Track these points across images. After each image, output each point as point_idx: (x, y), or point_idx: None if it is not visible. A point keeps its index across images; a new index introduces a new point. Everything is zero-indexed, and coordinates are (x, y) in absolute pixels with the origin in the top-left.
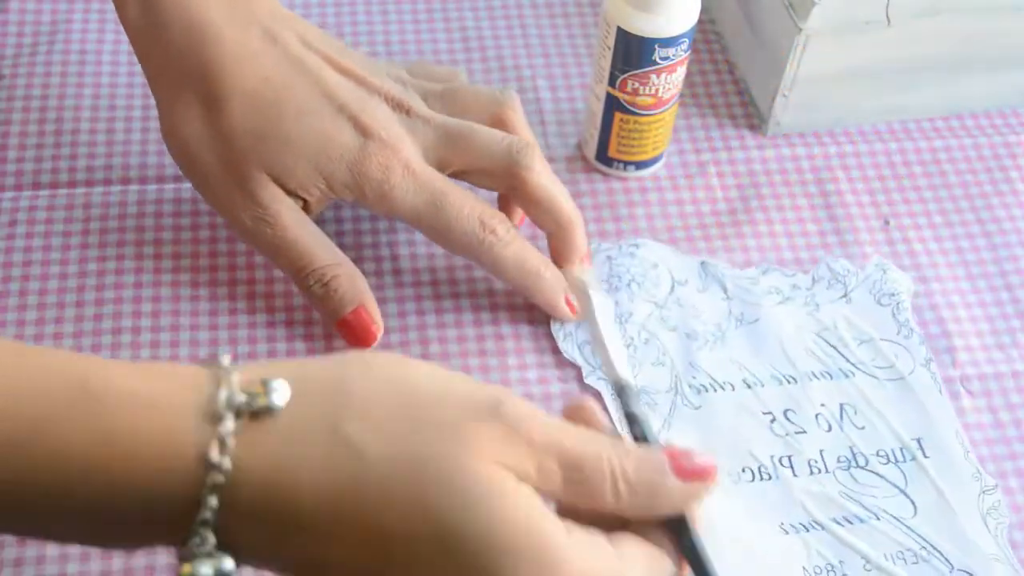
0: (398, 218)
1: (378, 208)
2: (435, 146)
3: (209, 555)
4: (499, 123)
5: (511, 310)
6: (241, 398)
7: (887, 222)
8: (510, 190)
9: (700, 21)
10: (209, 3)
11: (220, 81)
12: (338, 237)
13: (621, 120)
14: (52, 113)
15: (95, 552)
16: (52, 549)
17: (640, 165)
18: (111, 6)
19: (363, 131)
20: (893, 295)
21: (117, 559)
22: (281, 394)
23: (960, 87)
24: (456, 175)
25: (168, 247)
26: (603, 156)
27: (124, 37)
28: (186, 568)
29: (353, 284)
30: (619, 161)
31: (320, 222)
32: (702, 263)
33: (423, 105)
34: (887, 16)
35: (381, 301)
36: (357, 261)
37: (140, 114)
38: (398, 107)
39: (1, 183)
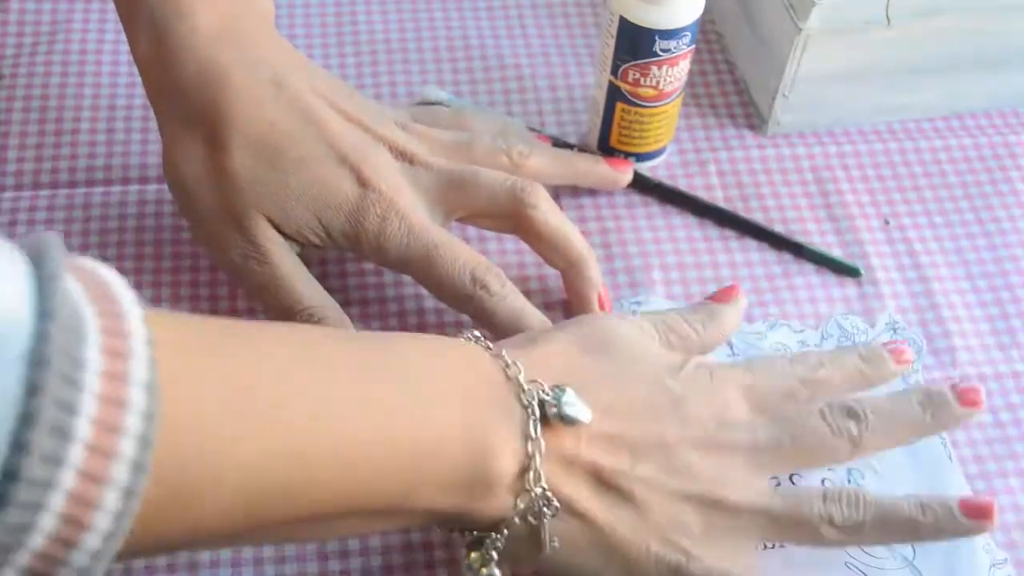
0: (392, 268)
1: (373, 258)
2: (438, 193)
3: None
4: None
5: None
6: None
7: (887, 222)
8: (517, 231)
9: (700, 20)
10: (219, 45)
11: (224, 123)
12: (322, 268)
13: (623, 110)
14: (52, 113)
15: None
16: None
17: (641, 157)
18: (111, 6)
19: (363, 182)
20: None
21: None
22: (580, 409)
23: (960, 87)
24: (464, 220)
25: (168, 247)
26: (605, 146)
27: (124, 37)
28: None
29: (340, 326)
30: (620, 152)
31: (307, 261)
32: None
33: (426, 152)
34: (887, 16)
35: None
36: (342, 298)
37: (140, 114)
38: (401, 155)
39: (1, 183)
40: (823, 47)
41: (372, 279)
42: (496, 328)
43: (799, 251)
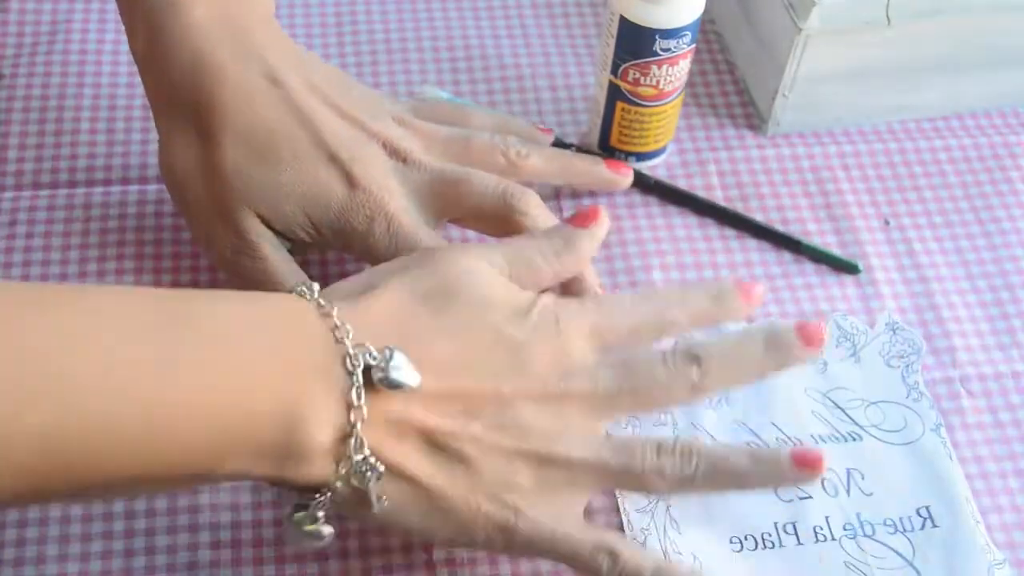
0: None
1: (363, 257)
2: (429, 193)
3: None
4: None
5: None
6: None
7: (887, 222)
8: (507, 235)
9: (700, 20)
10: (214, 40)
11: (217, 119)
12: (322, 269)
13: (623, 109)
14: (52, 113)
15: (93, 552)
16: (52, 549)
17: (641, 157)
18: (111, 6)
19: (352, 181)
20: (902, 357)
21: (116, 559)
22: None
23: (960, 87)
24: (455, 221)
25: (168, 247)
26: (605, 145)
27: (124, 37)
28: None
29: None
30: (620, 151)
31: (307, 261)
32: None
33: (421, 150)
34: (887, 16)
35: None
36: (343, 277)
37: (140, 114)
38: (394, 153)
39: (1, 183)
40: (823, 47)
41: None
42: None
43: (797, 248)
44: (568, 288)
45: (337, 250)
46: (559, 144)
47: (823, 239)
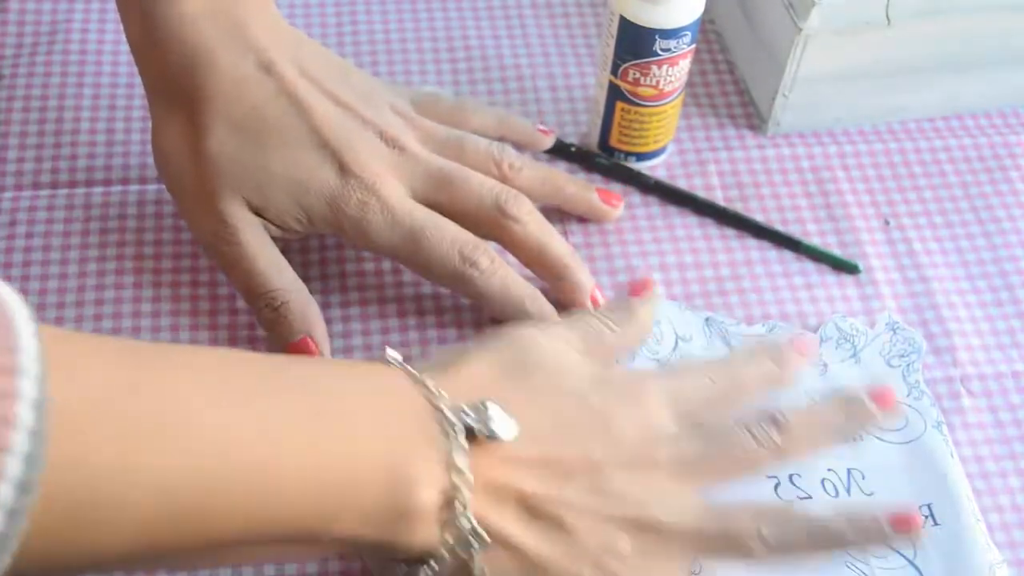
0: (378, 254)
1: (357, 244)
2: (423, 186)
3: None
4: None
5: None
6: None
7: (887, 222)
8: (497, 240)
9: (700, 20)
10: (207, 27)
11: (208, 106)
12: (323, 269)
13: (623, 110)
14: (52, 113)
15: None
16: None
17: (641, 157)
18: (111, 6)
19: (344, 168)
20: (903, 356)
21: None
22: (506, 423)
23: (960, 87)
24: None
25: (168, 247)
26: (605, 145)
27: (124, 37)
28: None
29: (303, 312)
30: (620, 151)
31: (307, 255)
32: (707, 319)
33: (416, 143)
34: (887, 16)
35: (364, 318)
36: (341, 292)
37: (140, 114)
38: (390, 142)
39: (1, 183)
40: (823, 47)
41: (369, 266)
42: (490, 306)
43: (797, 248)
44: (564, 297)
45: (330, 237)
46: (560, 145)
47: (823, 239)
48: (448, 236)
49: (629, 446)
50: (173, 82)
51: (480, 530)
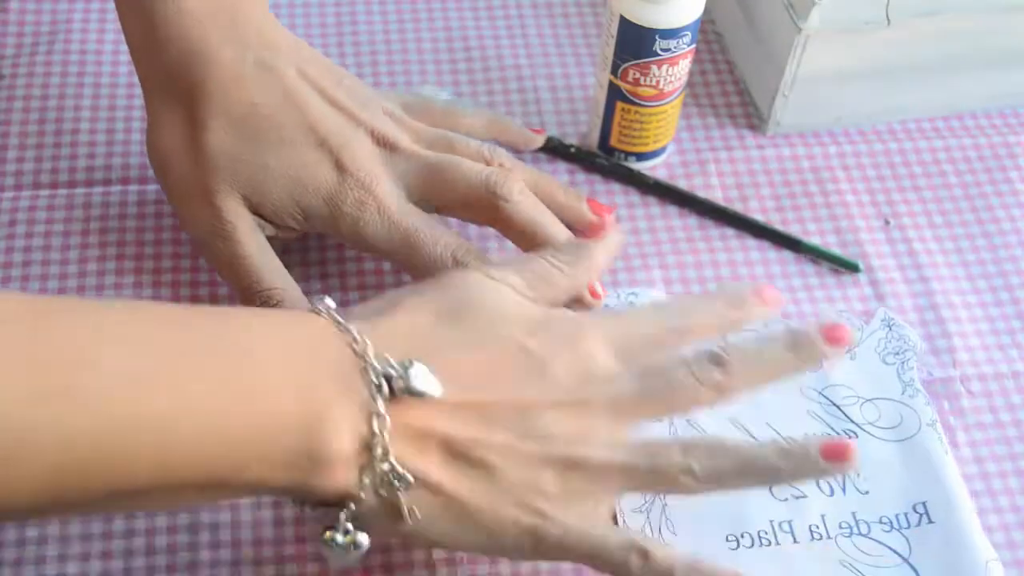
0: (373, 254)
1: (353, 243)
2: (417, 182)
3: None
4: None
5: None
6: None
7: (887, 222)
8: (492, 223)
9: (700, 20)
10: (207, 27)
11: (206, 103)
12: (322, 268)
13: (623, 110)
14: (52, 113)
15: (94, 552)
16: (52, 549)
17: (641, 157)
18: (111, 6)
19: (341, 167)
20: (898, 353)
21: (116, 560)
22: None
23: (960, 87)
24: (442, 212)
25: (168, 247)
26: (605, 146)
27: (124, 37)
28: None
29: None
30: (620, 151)
31: (307, 255)
32: None
33: (409, 142)
34: (887, 16)
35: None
36: (340, 295)
37: (140, 114)
38: (382, 143)
39: (1, 183)
40: (823, 47)
41: (369, 265)
42: None
43: (797, 248)
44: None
45: (326, 236)
46: (559, 145)
47: (823, 239)
48: (442, 240)
49: (563, 387)
50: (172, 79)
51: (402, 471)
